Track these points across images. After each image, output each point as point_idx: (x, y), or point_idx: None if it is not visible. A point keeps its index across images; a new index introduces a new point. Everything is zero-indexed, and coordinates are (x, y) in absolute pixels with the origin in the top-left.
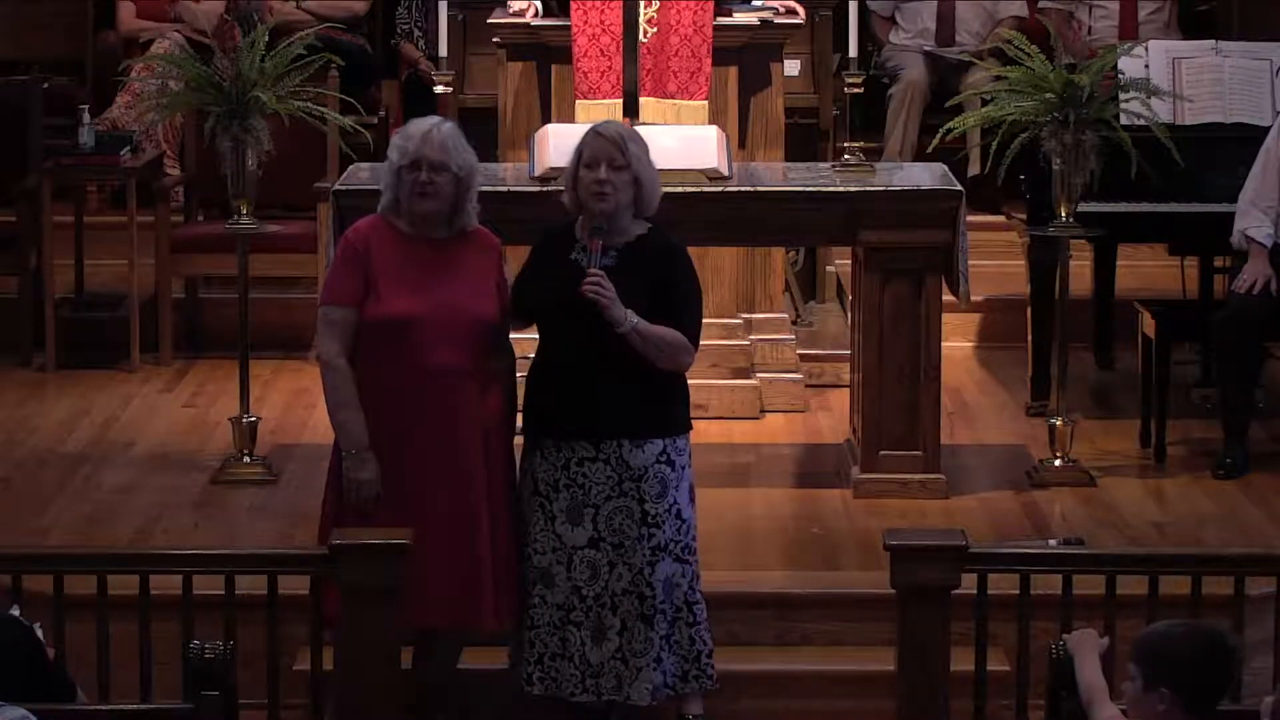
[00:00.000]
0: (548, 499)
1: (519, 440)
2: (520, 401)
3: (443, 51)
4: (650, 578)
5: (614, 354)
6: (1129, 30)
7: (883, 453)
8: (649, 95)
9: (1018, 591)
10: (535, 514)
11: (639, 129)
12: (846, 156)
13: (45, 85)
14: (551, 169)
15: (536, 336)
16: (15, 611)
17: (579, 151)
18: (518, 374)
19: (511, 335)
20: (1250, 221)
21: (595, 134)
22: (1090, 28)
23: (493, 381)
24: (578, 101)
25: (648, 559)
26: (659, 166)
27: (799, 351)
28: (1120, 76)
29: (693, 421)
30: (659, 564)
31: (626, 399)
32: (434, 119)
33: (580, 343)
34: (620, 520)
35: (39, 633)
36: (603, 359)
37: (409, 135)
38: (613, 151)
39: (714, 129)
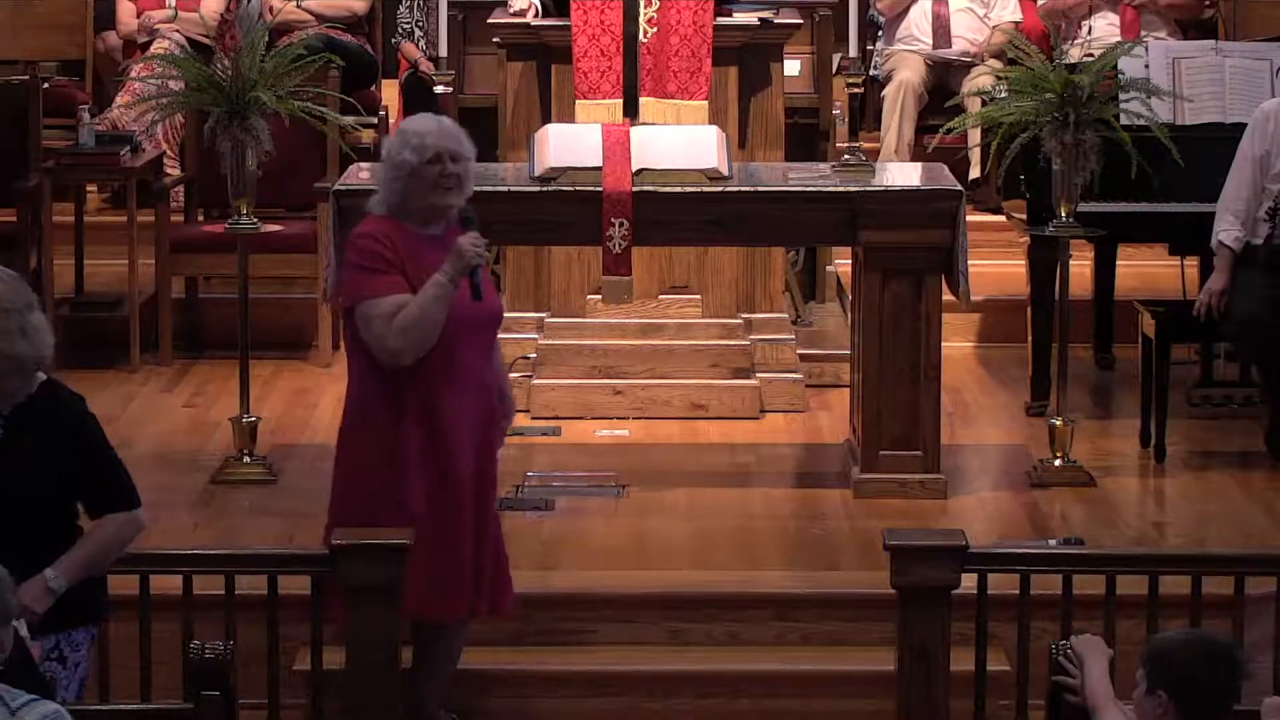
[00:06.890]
0: None
1: None
2: None
3: (443, 51)
4: None
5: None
6: (1129, 30)
7: (883, 453)
8: (649, 95)
9: (1018, 591)
10: None
11: (637, 129)
12: (846, 156)
13: (45, 85)
14: (551, 169)
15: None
16: (24, 631)
17: None
18: None
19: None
20: (1221, 225)
21: None
22: (1090, 28)
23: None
24: (578, 101)
25: None
26: (659, 167)
27: (799, 351)
28: (1120, 76)
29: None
30: None
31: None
32: (429, 115)
33: None
34: None
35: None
36: None
37: (423, 132)
38: None
39: (714, 129)
